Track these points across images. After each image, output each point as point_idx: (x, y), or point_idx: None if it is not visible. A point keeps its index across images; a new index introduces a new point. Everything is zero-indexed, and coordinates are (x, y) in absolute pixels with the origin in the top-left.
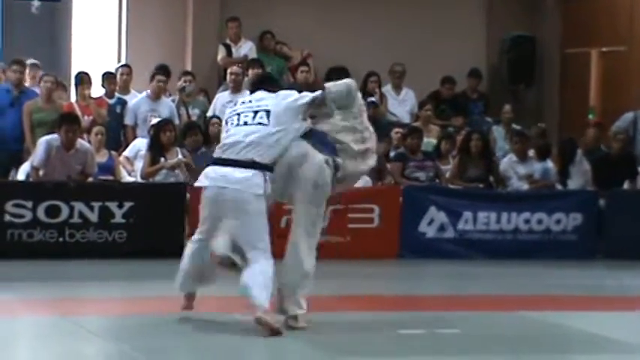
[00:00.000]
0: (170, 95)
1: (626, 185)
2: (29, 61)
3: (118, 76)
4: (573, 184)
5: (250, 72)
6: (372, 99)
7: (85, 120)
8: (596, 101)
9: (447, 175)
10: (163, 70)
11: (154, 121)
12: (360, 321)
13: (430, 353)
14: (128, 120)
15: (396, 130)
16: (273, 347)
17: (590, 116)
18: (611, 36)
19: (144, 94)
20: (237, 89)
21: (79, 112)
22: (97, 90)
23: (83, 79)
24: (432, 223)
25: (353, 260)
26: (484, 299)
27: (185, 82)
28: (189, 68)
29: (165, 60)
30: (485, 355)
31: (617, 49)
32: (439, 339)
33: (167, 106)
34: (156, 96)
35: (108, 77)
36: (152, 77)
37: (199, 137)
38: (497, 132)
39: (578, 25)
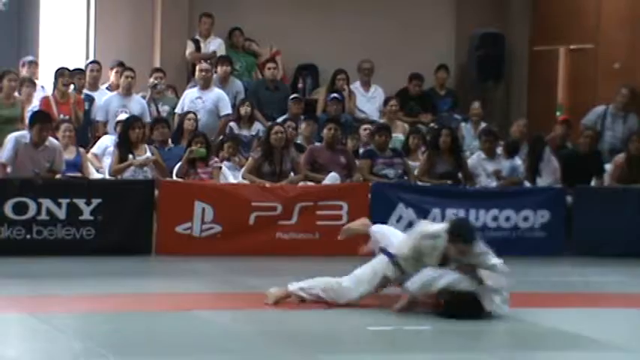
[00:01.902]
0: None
1: (593, 182)
2: (28, 58)
3: (88, 73)
4: (543, 181)
5: (219, 69)
6: (336, 95)
7: (61, 117)
8: (563, 98)
9: (416, 171)
10: (123, 66)
11: (121, 117)
12: (330, 318)
13: (400, 350)
14: (99, 116)
15: (365, 126)
16: (243, 343)
17: (558, 113)
18: (579, 34)
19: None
20: (206, 86)
21: (54, 108)
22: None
23: (63, 74)
24: (401, 220)
25: (322, 257)
26: None
27: (156, 79)
28: (157, 64)
29: (133, 55)
30: (456, 352)
31: (585, 47)
32: (409, 335)
33: (138, 102)
34: (126, 92)
35: (77, 73)
36: (119, 74)
37: (166, 130)
38: (466, 129)
39: (546, 23)
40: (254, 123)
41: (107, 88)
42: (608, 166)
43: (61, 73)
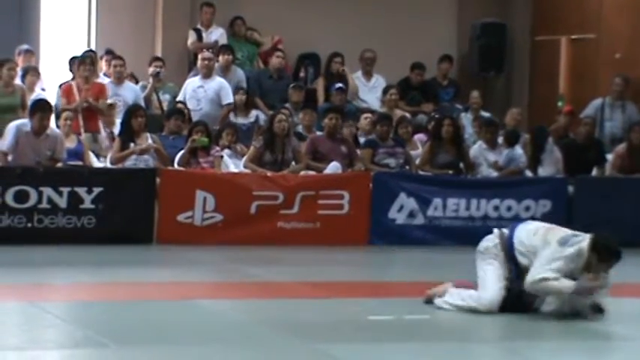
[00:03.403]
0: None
1: (594, 172)
2: (23, 47)
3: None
4: (544, 171)
5: (221, 58)
6: (340, 85)
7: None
8: (565, 89)
9: (418, 161)
10: (112, 55)
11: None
12: (331, 307)
13: (400, 339)
14: None
15: (366, 115)
16: (243, 332)
17: (560, 104)
18: (581, 24)
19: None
20: (208, 75)
21: (76, 94)
22: (66, 75)
23: (91, 58)
24: (402, 209)
25: (323, 247)
26: None
27: (156, 67)
28: (159, 53)
29: (135, 44)
30: (456, 341)
31: (587, 37)
32: (409, 325)
33: (131, 90)
34: (118, 80)
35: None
36: (109, 62)
37: (180, 122)
38: (466, 119)
39: (548, 13)
40: (250, 111)
41: (105, 75)
42: (609, 156)
43: (83, 59)
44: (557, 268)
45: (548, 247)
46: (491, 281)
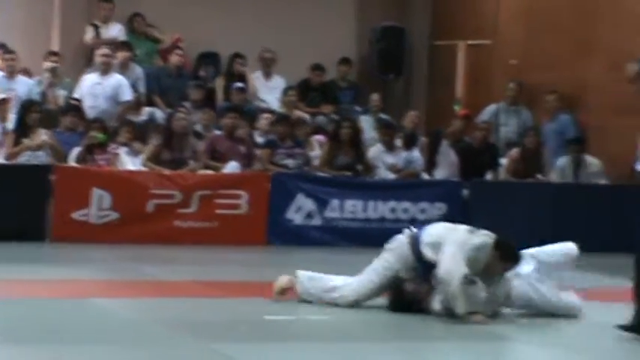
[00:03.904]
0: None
1: (488, 175)
2: None
3: None
4: (440, 174)
5: (119, 54)
6: (240, 85)
7: None
8: (462, 93)
9: (316, 162)
10: (4, 49)
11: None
12: (226, 307)
13: (296, 339)
14: None
15: (265, 116)
16: (137, 331)
17: (456, 108)
18: (477, 30)
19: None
20: (106, 71)
21: None
22: None
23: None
24: (300, 210)
25: (220, 246)
26: None
27: (53, 62)
28: (55, 48)
29: (30, 39)
30: (352, 341)
31: (483, 43)
32: (306, 325)
33: (25, 84)
34: (10, 74)
35: None
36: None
37: (76, 119)
38: (366, 121)
39: (446, 18)
40: (141, 108)
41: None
42: (503, 160)
43: None
44: (467, 256)
45: (457, 232)
46: (364, 279)
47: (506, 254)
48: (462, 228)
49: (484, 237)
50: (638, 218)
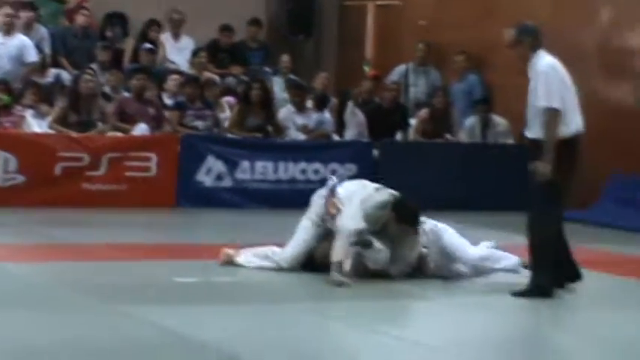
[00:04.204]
0: None
1: (398, 136)
2: None
3: None
4: (348, 135)
5: (23, 14)
6: (149, 46)
7: None
8: (371, 54)
9: (226, 124)
10: None
11: None
12: (136, 269)
13: (206, 301)
14: None
15: (173, 77)
16: (45, 295)
17: (366, 68)
18: None
19: None
20: (9, 32)
21: None
22: None
23: None
24: (210, 172)
25: (130, 209)
26: None
27: None
28: None
29: None
30: (261, 303)
31: (392, 4)
32: (215, 287)
33: None
34: None
35: None
36: None
37: None
38: (276, 82)
39: None
40: (48, 70)
41: None
42: (413, 121)
43: None
44: (366, 213)
45: (365, 189)
46: (296, 239)
47: (401, 216)
48: (372, 186)
49: (388, 196)
50: (530, 179)
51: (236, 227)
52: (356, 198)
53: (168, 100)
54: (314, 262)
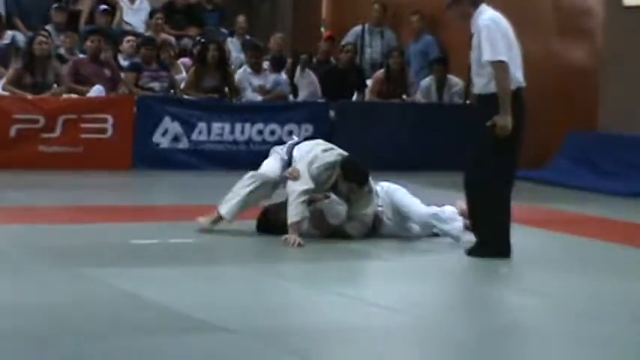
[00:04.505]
0: None
1: (354, 97)
2: None
3: None
4: (301, 96)
5: None
6: (106, 7)
7: None
8: (327, 14)
9: (182, 85)
10: None
11: None
12: (93, 232)
13: (162, 263)
14: None
15: (128, 39)
16: (2, 258)
17: (322, 30)
18: None
19: None
20: None
21: None
22: None
23: None
24: (166, 133)
25: (86, 171)
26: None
27: None
28: None
29: None
30: (218, 264)
31: None
32: (172, 248)
33: None
34: None
35: None
36: None
37: None
38: (232, 43)
39: None
40: (5, 32)
41: None
42: (369, 82)
43: None
44: (316, 174)
45: (314, 150)
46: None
47: (347, 174)
48: (320, 147)
49: (336, 156)
50: (470, 138)
51: (192, 189)
52: (304, 159)
53: (124, 62)
54: (269, 223)
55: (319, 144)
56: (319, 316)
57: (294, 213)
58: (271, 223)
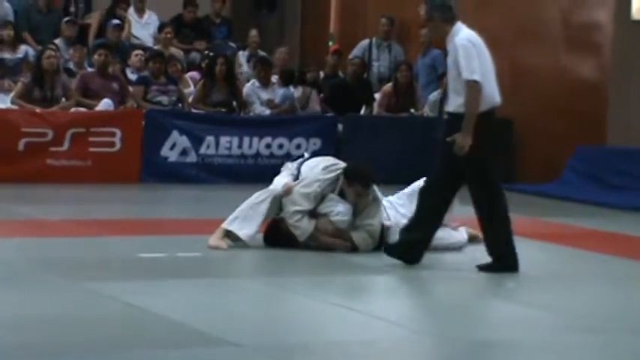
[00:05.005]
0: None
1: (363, 110)
2: None
3: None
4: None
5: None
6: (117, 22)
7: None
8: (335, 29)
9: (191, 99)
10: None
11: None
12: (101, 245)
13: (170, 276)
14: None
15: (136, 52)
16: (10, 271)
17: (330, 43)
18: None
19: None
20: None
21: None
22: None
23: None
24: (175, 147)
25: (94, 184)
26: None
27: None
28: None
29: None
30: (226, 278)
31: None
32: (180, 262)
33: None
34: None
35: None
36: None
37: None
38: (243, 57)
39: None
40: (19, 46)
41: None
42: (377, 96)
43: None
44: (313, 194)
45: (317, 167)
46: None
47: (350, 177)
48: (323, 164)
49: (337, 171)
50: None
51: (200, 202)
52: (307, 177)
53: (132, 76)
54: (281, 231)
55: (324, 161)
56: (325, 330)
57: (299, 234)
58: (282, 232)
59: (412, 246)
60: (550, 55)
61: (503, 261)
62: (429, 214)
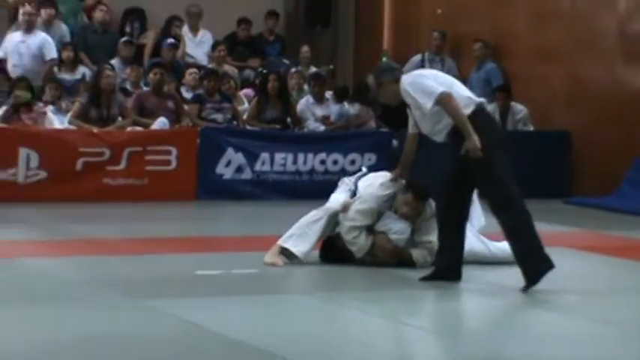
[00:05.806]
0: None
1: None
2: None
3: None
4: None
5: (43, 12)
6: (172, 41)
7: None
8: (389, 44)
9: (245, 116)
10: None
11: None
12: (159, 263)
13: (228, 293)
14: None
15: (191, 71)
16: (71, 291)
17: (384, 59)
18: None
19: None
20: (29, 29)
21: None
22: None
23: None
24: (230, 164)
25: (151, 203)
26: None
27: None
28: None
29: None
30: (281, 294)
31: None
32: (237, 279)
33: None
34: None
35: None
36: None
37: (0, 79)
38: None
39: None
40: (77, 67)
41: None
42: None
43: None
44: (370, 210)
45: (372, 186)
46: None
47: (409, 184)
48: (378, 182)
49: (394, 188)
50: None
51: (256, 219)
52: (364, 193)
53: (186, 94)
54: (336, 249)
55: (381, 177)
56: (379, 347)
57: (356, 250)
58: (338, 248)
59: (446, 270)
60: (607, 67)
61: (535, 262)
62: (451, 234)
